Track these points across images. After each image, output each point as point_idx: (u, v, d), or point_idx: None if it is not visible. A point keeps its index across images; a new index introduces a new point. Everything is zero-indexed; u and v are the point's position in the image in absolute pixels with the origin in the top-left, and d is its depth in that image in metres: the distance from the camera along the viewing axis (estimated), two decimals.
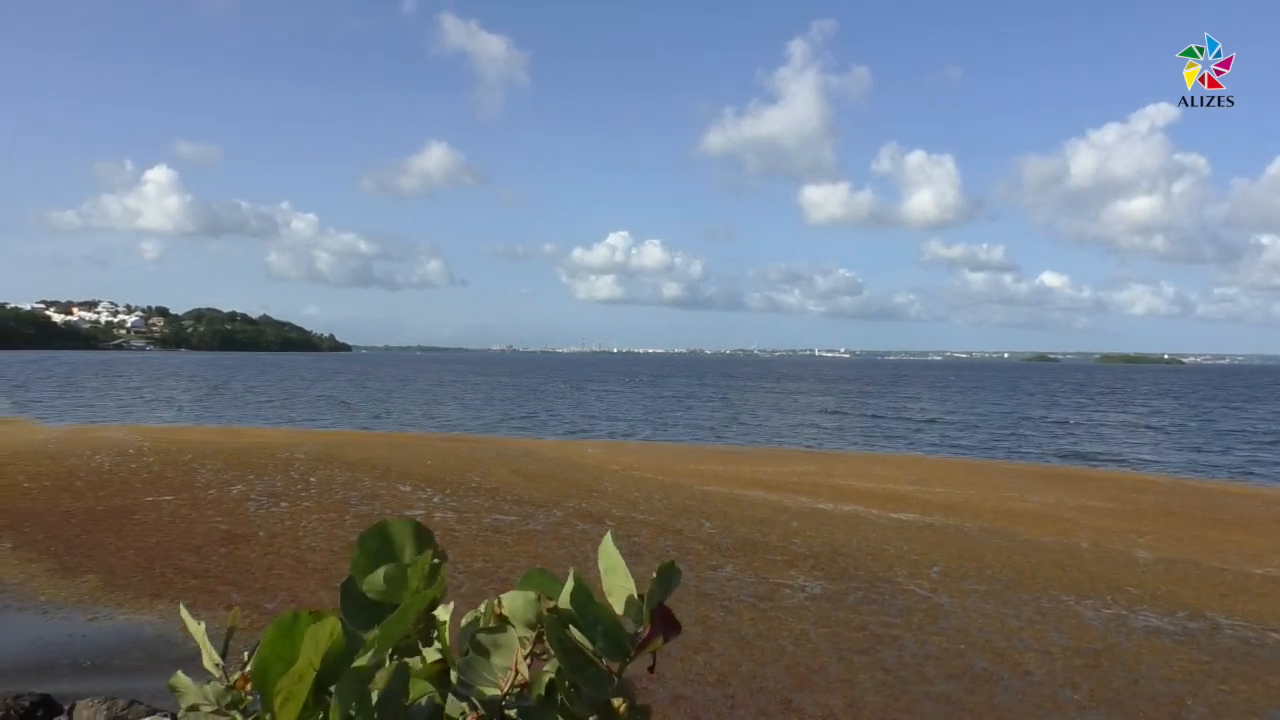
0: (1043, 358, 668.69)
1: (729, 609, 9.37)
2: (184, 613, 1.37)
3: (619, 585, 1.14)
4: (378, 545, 1.15)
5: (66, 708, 6.01)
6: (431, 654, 1.19)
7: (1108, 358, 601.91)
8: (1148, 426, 41.91)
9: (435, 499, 15.47)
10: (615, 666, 1.10)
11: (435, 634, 1.19)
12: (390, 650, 1.12)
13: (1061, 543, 13.15)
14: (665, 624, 1.10)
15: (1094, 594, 10.32)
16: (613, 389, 69.03)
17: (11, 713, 5.64)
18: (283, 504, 14.61)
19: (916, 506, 16.06)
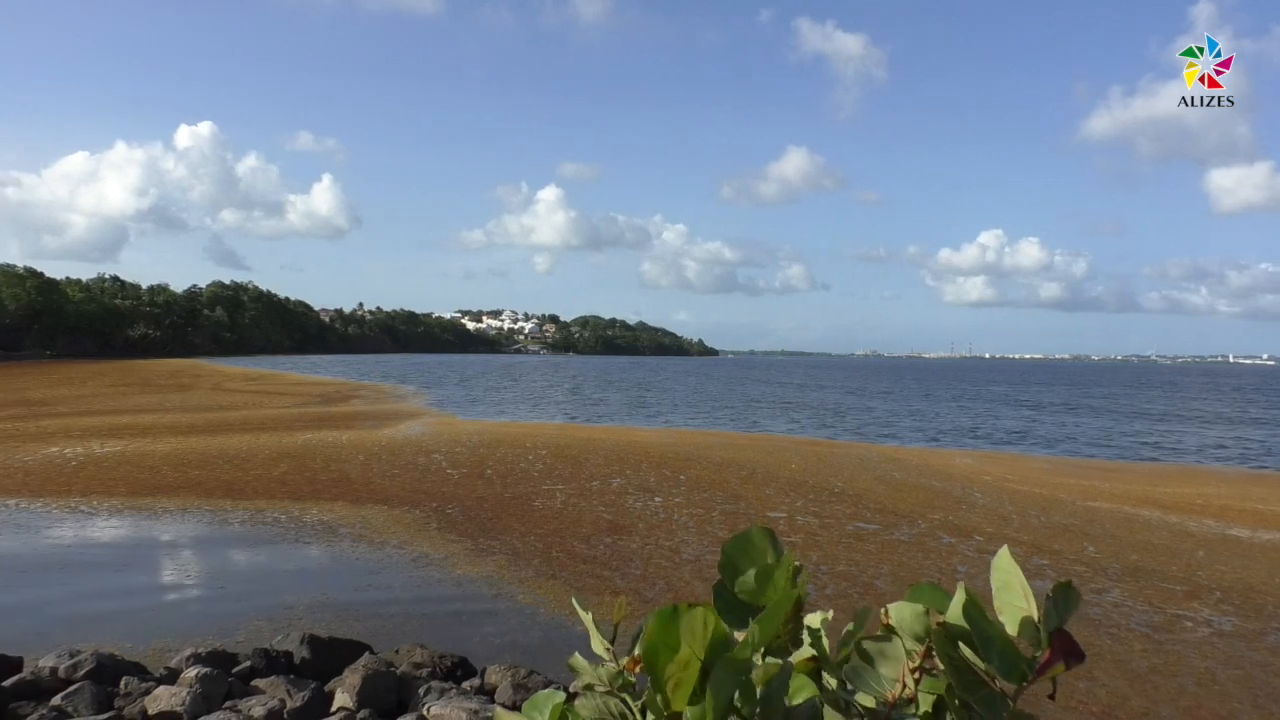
0: None
1: (1115, 637, 8.53)
2: (575, 602, 1.51)
3: (1012, 604, 1.08)
4: (742, 550, 1.22)
5: (480, 670, 6.87)
6: (804, 653, 1.21)
7: None
8: None
9: (798, 502, 15.59)
10: (1010, 689, 1.04)
11: (804, 635, 1.21)
12: (762, 650, 1.16)
13: None
14: (1066, 649, 1.02)
15: None
16: (982, 398, 65.29)
17: (438, 669, 6.57)
18: (656, 499, 15.52)
19: None
